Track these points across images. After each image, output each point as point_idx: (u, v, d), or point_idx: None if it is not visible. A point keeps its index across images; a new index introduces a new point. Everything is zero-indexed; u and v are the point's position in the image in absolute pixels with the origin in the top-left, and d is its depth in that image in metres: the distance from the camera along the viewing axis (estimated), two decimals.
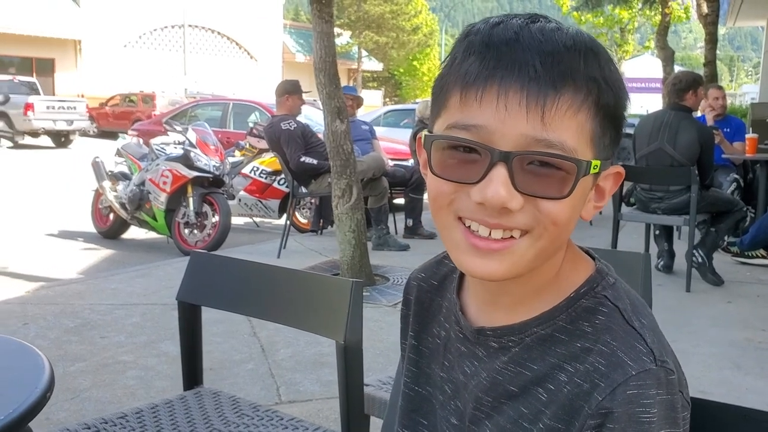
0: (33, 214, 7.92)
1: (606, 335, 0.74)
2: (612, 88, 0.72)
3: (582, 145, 0.71)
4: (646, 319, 0.77)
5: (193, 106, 13.12)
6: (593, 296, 0.78)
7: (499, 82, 0.69)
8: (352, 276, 4.51)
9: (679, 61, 50.36)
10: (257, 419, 1.62)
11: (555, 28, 0.72)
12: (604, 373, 0.71)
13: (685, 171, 4.65)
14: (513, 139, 0.69)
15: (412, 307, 0.95)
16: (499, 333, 0.80)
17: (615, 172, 0.79)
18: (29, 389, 1.05)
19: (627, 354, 0.72)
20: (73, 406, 2.83)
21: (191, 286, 1.75)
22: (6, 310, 4.07)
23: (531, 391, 0.77)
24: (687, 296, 4.67)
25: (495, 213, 0.71)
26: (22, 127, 18.42)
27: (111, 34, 28.48)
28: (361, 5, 33.17)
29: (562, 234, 0.74)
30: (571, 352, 0.75)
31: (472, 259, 0.74)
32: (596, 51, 0.72)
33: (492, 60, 0.70)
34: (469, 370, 0.84)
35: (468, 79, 0.71)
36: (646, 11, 20.68)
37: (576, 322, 0.77)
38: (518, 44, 0.70)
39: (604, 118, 0.72)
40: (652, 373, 0.70)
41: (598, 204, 0.80)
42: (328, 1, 4.53)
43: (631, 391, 0.69)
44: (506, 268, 0.73)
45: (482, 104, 0.70)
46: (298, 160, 5.69)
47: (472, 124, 0.70)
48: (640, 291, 1.72)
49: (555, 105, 0.68)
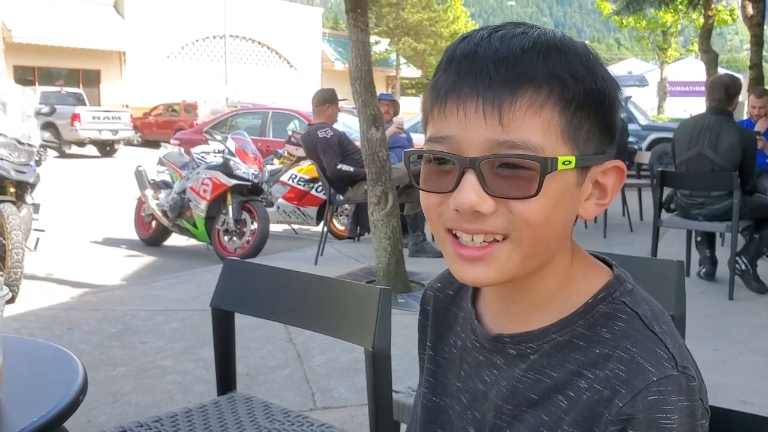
0: (78, 222, 8.12)
1: (626, 341, 0.74)
2: (582, 82, 0.72)
3: (551, 142, 0.71)
4: (666, 325, 0.76)
5: (233, 115, 13.32)
6: (611, 302, 0.78)
7: (458, 94, 0.72)
8: (387, 283, 4.52)
9: (725, 63, 49.33)
10: (288, 424, 1.64)
11: (518, 33, 0.73)
12: (625, 379, 0.71)
13: (727, 176, 4.55)
14: (478, 144, 0.71)
15: (430, 318, 0.96)
16: (517, 340, 0.80)
17: (613, 167, 0.78)
18: (63, 392, 1.09)
19: (648, 360, 0.71)
20: (114, 409, 2.90)
21: (225, 292, 1.79)
22: (51, 315, 4.18)
23: (551, 398, 0.76)
24: (730, 304, 4.57)
25: (470, 218, 0.73)
26: (68, 136, 18.90)
27: (154, 45, 29.09)
28: (400, 13, 33.26)
29: (543, 234, 0.74)
30: (590, 359, 0.75)
31: (461, 267, 0.76)
32: (562, 48, 0.73)
33: (452, 74, 0.74)
34: (488, 379, 0.84)
35: (434, 94, 0.75)
36: (689, 14, 20.33)
37: (594, 328, 0.76)
38: (476, 55, 0.72)
39: (575, 113, 0.72)
40: (674, 379, 0.70)
41: (601, 202, 0.79)
42: (363, 10, 4.57)
43: (653, 397, 0.69)
44: (494, 273, 0.75)
45: (447, 116, 0.73)
46: (335, 167, 5.74)
47: (442, 136, 0.74)
48: (673, 299, 1.70)
49: (512, 107, 0.70)
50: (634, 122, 13.14)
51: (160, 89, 27.73)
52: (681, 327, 1.71)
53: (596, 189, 0.79)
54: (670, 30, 27.00)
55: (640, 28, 25.51)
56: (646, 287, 1.79)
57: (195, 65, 31.32)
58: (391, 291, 1.54)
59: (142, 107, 25.24)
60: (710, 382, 2.72)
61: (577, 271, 0.81)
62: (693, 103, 26.55)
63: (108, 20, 28.26)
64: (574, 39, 0.76)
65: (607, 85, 0.75)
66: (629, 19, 21.83)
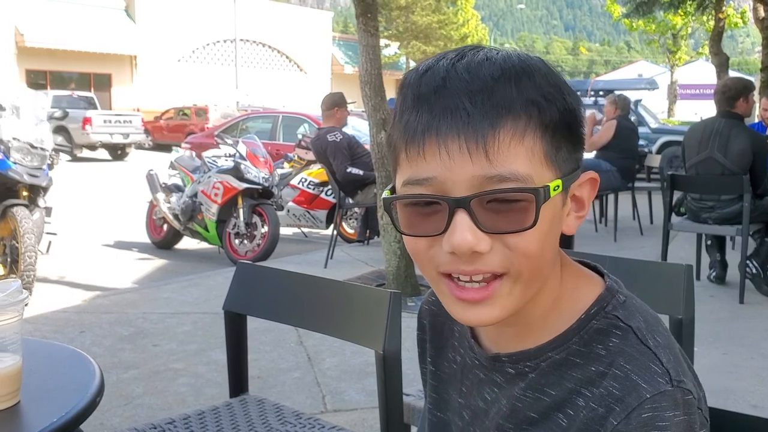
0: (90, 225, 8.18)
1: (620, 358, 0.73)
2: (554, 102, 0.72)
3: (537, 168, 0.70)
4: (660, 336, 0.76)
5: (243, 119, 13.39)
6: (604, 317, 0.77)
7: (436, 133, 0.69)
8: (397, 286, 4.54)
9: (735, 66, 49.09)
10: (300, 426, 1.66)
11: (482, 60, 0.71)
12: (619, 397, 0.71)
13: (737, 180, 4.55)
14: (465, 183, 0.69)
15: (427, 333, 0.96)
16: (515, 359, 0.80)
17: (589, 179, 0.78)
18: (81, 393, 1.11)
19: (641, 376, 0.71)
20: (126, 412, 2.93)
21: (237, 295, 1.81)
22: (64, 318, 4.22)
23: (551, 417, 0.76)
24: (740, 308, 4.56)
25: (468, 259, 0.70)
26: (80, 140, 19.00)
27: (165, 49, 29.25)
28: (409, 16, 33.30)
29: (541, 263, 0.73)
30: (587, 376, 0.75)
31: (463, 311, 0.74)
32: (529, 71, 0.71)
33: (425, 112, 0.70)
34: (489, 396, 0.84)
35: (407, 136, 0.71)
36: (700, 17, 20.26)
37: (589, 344, 0.76)
38: (445, 90, 0.70)
39: (553, 135, 0.71)
40: (668, 394, 0.69)
41: (579, 214, 0.79)
42: (373, 14, 4.59)
43: (647, 414, 0.69)
44: (498, 312, 0.73)
45: (426, 158, 0.70)
46: (345, 170, 5.76)
47: (424, 178, 0.70)
48: (682, 303, 1.71)
49: (496, 140, 0.68)
50: (644, 125, 13.10)
51: (171, 93, 27.88)
52: (690, 332, 1.72)
53: (573, 202, 0.78)
54: (681, 33, 26.90)
55: (650, 31, 25.43)
56: (655, 292, 1.80)
57: (206, 69, 31.48)
58: (401, 295, 1.55)
59: (153, 111, 25.40)
60: (721, 387, 2.74)
61: (567, 286, 0.80)
62: (703, 107, 26.45)
63: (119, 24, 28.45)
64: (531, 56, 0.74)
65: (573, 99, 0.74)
66: (639, 22, 21.80)
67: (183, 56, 30.65)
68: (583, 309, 0.78)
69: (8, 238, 4.76)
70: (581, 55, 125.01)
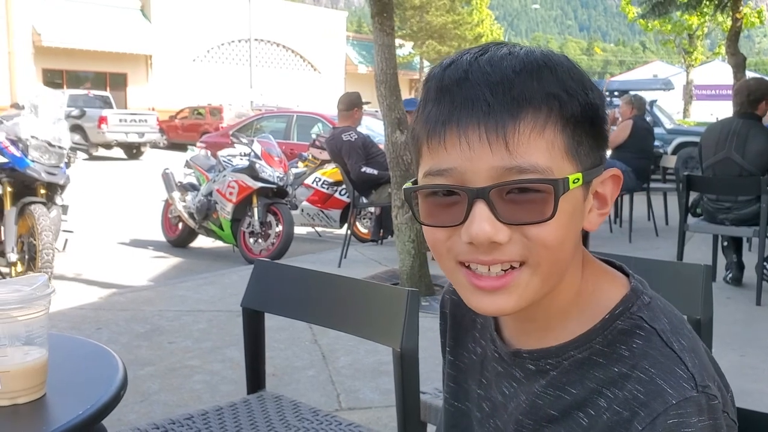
0: (106, 224, 8.24)
1: (644, 361, 0.73)
2: (576, 97, 0.72)
3: (557, 161, 0.71)
4: (685, 339, 0.75)
5: (258, 119, 13.43)
6: (629, 317, 0.77)
7: (457, 124, 0.70)
8: (411, 286, 4.54)
9: (752, 66, 48.68)
10: (317, 423, 1.67)
11: (505, 54, 0.72)
12: (644, 401, 0.70)
13: (755, 180, 4.51)
14: (485, 173, 0.70)
15: (448, 322, 0.96)
16: (536, 356, 0.80)
17: (612, 176, 0.79)
18: (105, 387, 1.13)
19: (666, 381, 0.71)
20: (143, 408, 2.95)
21: (255, 293, 1.82)
22: (80, 315, 4.26)
23: (572, 416, 0.76)
24: (757, 310, 4.52)
25: (486, 249, 0.71)
26: (96, 139, 19.14)
27: (180, 49, 29.40)
28: (424, 16, 33.27)
29: (560, 255, 0.73)
30: (609, 377, 0.74)
31: (480, 299, 0.75)
32: (551, 65, 0.72)
33: (446, 103, 0.71)
34: (507, 391, 0.84)
35: (429, 126, 0.73)
36: (716, 16, 20.11)
37: (613, 345, 0.76)
38: (467, 82, 0.71)
39: (575, 129, 0.72)
40: (693, 400, 0.69)
41: (602, 211, 0.79)
42: (389, 14, 4.60)
43: (672, 421, 0.68)
44: (515, 302, 0.74)
45: (447, 148, 0.71)
46: (359, 170, 5.77)
47: (444, 168, 0.71)
48: (700, 304, 1.71)
49: (516, 131, 0.69)
50: (660, 126, 13.03)
51: (186, 92, 28.02)
52: (708, 332, 1.71)
53: (596, 200, 0.78)
54: (697, 33, 26.69)
55: (665, 32, 25.24)
56: (673, 292, 1.80)
57: (220, 69, 31.61)
58: (419, 293, 1.56)
59: (168, 110, 25.52)
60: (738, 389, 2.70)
61: (588, 283, 0.80)
62: (720, 107, 26.29)
63: (135, 24, 28.62)
64: (556, 53, 0.75)
65: (596, 96, 0.75)
66: (655, 22, 21.66)
67: (198, 56, 30.80)
68: (608, 308, 0.78)
69: (26, 236, 4.81)
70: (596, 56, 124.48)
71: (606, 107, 0.78)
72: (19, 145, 4.79)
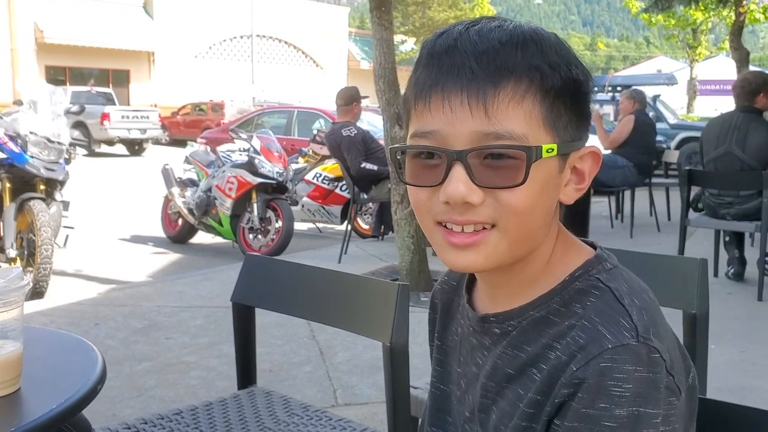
0: (107, 220, 8.24)
1: (591, 312, 0.75)
2: (559, 71, 0.75)
3: (534, 131, 0.74)
4: (639, 300, 0.77)
5: (259, 114, 13.41)
6: (587, 279, 0.79)
7: (442, 88, 0.74)
8: (411, 281, 4.52)
9: (756, 62, 48.49)
10: (307, 419, 1.65)
11: (495, 27, 0.76)
12: (582, 345, 0.73)
13: (756, 175, 4.48)
14: (464, 137, 0.73)
15: (438, 310, 0.99)
16: (501, 318, 0.83)
17: (590, 152, 0.81)
18: (82, 381, 1.11)
19: (607, 328, 0.72)
20: (139, 403, 2.94)
21: (245, 288, 1.80)
22: (79, 310, 4.25)
23: (526, 372, 0.78)
24: (759, 305, 4.49)
25: (460, 209, 0.75)
26: (98, 135, 19.17)
27: (182, 45, 29.37)
28: (426, 11, 33.21)
29: (530, 222, 0.76)
30: (560, 331, 0.77)
31: (452, 255, 0.78)
32: (537, 39, 0.75)
33: (434, 69, 0.76)
34: (480, 360, 0.86)
35: (417, 90, 0.77)
36: (720, 11, 20.01)
37: (569, 304, 0.78)
38: (456, 50, 0.75)
39: (554, 101, 0.75)
40: (631, 348, 0.70)
41: (579, 186, 0.81)
42: (387, 8, 4.57)
43: (605, 364, 0.70)
44: (483, 259, 0.77)
45: (431, 111, 0.75)
46: (359, 166, 5.75)
47: (428, 131, 0.76)
48: (696, 298, 1.68)
49: (496, 99, 0.72)
50: (663, 121, 12.97)
51: (187, 89, 28.00)
52: (704, 327, 1.69)
53: (574, 174, 0.81)
54: (701, 28, 26.59)
55: (669, 26, 25.14)
56: (669, 286, 1.77)
57: (222, 65, 31.58)
58: (410, 288, 1.54)
59: (170, 107, 25.52)
60: (738, 385, 2.69)
61: (557, 253, 0.83)
62: (723, 102, 26.14)
63: (137, 21, 28.61)
64: (545, 30, 0.78)
65: (580, 73, 0.78)
66: (658, 17, 21.52)
67: (200, 52, 30.77)
68: (568, 272, 0.81)
69: (25, 231, 4.80)
70: (599, 51, 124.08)
71: (592, 84, 0.80)
72: (18, 141, 4.78)
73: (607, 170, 6.58)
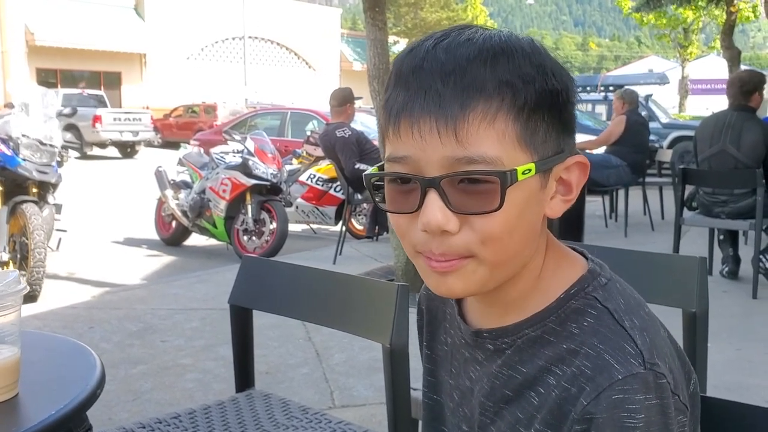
0: (100, 222, 8.20)
1: (593, 338, 0.73)
2: (533, 84, 0.71)
3: (508, 151, 0.70)
4: (638, 318, 0.75)
5: (252, 116, 13.38)
6: (583, 297, 0.77)
7: (410, 113, 0.71)
8: (406, 282, 4.50)
9: (747, 61, 48.74)
10: (306, 422, 1.64)
11: (464, 41, 0.72)
12: (590, 376, 0.70)
13: (750, 173, 4.49)
14: (437, 163, 0.70)
15: (425, 317, 0.97)
16: (495, 335, 0.81)
17: (576, 162, 0.77)
18: (81, 386, 1.10)
19: (613, 356, 0.70)
20: (135, 407, 2.92)
21: (243, 289, 1.79)
22: (73, 314, 4.22)
23: (524, 395, 0.77)
24: (753, 303, 4.51)
25: (439, 239, 0.72)
26: (90, 138, 19.08)
27: (174, 47, 29.30)
28: (418, 12, 33.23)
29: (509, 246, 0.73)
30: (558, 354, 0.74)
31: (434, 280, 0.76)
32: (508, 51, 0.71)
33: (402, 92, 0.72)
34: (474, 375, 0.84)
35: (386, 114, 0.74)
36: (711, 11, 20.08)
37: (565, 323, 0.76)
38: (422, 71, 0.71)
39: (529, 117, 0.71)
40: (640, 377, 0.69)
41: (566, 198, 0.78)
42: (381, 8, 4.57)
43: (617, 396, 0.68)
44: (463, 285, 0.75)
45: (402, 136, 0.72)
46: (353, 166, 5.74)
47: (401, 156, 0.72)
48: (695, 297, 1.68)
49: (466, 122, 0.69)
50: (656, 120, 13.01)
51: (180, 91, 27.92)
52: (704, 325, 1.69)
53: (560, 185, 0.77)
54: (692, 27, 26.70)
55: (660, 26, 25.26)
56: (668, 285, 1.77)
57: (214, 67, 31.51)
58: (409, 289, 1.53)
59: (162, 109, 25.43)
60: (735, 382, 2.69)
61: (548, 268, 0.80)
62: (715, 101, 26.26)
63: (129, 23, 28.52)
64: (519, 37, 0.74)
65: (558, 80, 0.73)
66: (649, 16, 21.60)
67: (192, 54, 30.70)
68: (563, 289, 0.78)
69: (18, 235, 4.77)
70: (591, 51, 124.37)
71: (575, 90, 0.76)
72: (9, 144, 4.75)
73: (601, 170, 6.60)
